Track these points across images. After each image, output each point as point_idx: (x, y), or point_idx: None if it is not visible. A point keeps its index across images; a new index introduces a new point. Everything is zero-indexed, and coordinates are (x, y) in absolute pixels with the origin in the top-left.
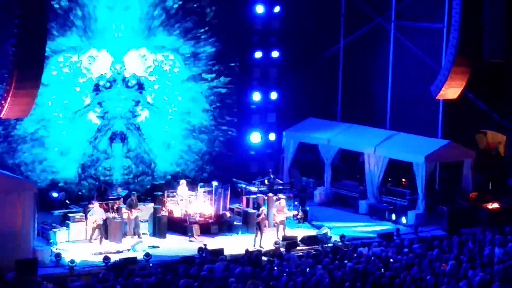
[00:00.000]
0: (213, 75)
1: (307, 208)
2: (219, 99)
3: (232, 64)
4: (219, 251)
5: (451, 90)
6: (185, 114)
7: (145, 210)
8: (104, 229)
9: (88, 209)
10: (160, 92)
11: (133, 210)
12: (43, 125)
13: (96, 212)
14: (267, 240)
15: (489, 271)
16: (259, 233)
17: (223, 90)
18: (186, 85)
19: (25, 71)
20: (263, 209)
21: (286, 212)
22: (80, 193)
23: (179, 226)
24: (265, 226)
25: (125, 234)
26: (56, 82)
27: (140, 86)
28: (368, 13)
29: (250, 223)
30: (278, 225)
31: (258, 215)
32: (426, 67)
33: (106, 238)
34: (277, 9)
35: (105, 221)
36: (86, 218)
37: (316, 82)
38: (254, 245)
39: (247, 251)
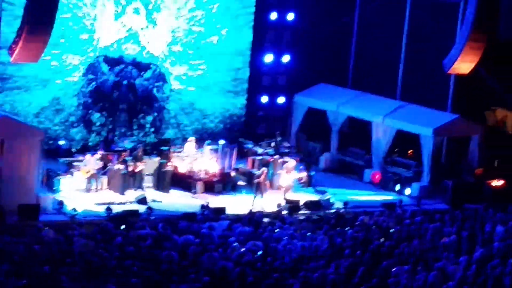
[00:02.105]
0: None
1: (312, 173)
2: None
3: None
4: (221, 210)
5: (463, 65)
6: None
7: (150, 164)
8: (108, 180)
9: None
10: None
11: (138, 163)
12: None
13: (89, 163)
14: (270, 202)
15: (490, 248)
16: (259, 194)
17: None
18: None
19: (38, 17)
20: (264, 169)
21: (294, 174)
22: (85, 142)
23: (183, 182)
24: (266, 187)
25: (128, 187)
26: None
27: None
28: None
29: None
30: (286, 188)
31: (258, 176)
32: (440, 41)
33: (110, 188)
34: None
35: (107, 171)
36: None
37: (329, 48)
38: (253, 206)
39: (250, 211)
